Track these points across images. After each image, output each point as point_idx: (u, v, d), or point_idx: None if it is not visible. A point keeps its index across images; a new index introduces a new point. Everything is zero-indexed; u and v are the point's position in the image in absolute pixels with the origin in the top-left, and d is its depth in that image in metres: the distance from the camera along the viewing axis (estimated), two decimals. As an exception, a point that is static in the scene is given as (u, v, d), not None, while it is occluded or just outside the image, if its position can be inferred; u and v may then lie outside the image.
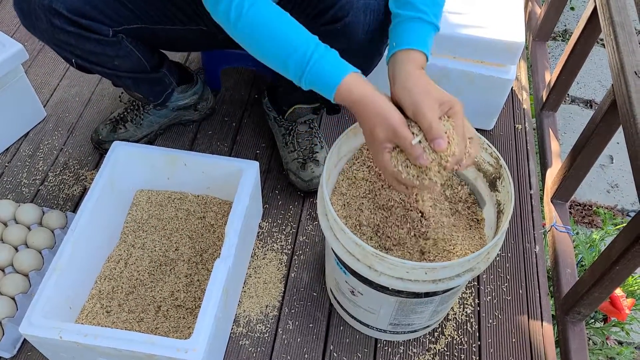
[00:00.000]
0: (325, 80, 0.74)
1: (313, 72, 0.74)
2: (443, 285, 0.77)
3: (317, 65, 0.74)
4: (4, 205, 1.08)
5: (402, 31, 0.78)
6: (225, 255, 0.87)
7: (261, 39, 0.77)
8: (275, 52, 0.77)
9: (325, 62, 0.74)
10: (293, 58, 0.75)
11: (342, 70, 0.74)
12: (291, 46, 0.75)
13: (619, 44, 0.90)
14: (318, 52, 0.74)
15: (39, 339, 0.79)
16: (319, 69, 0.74)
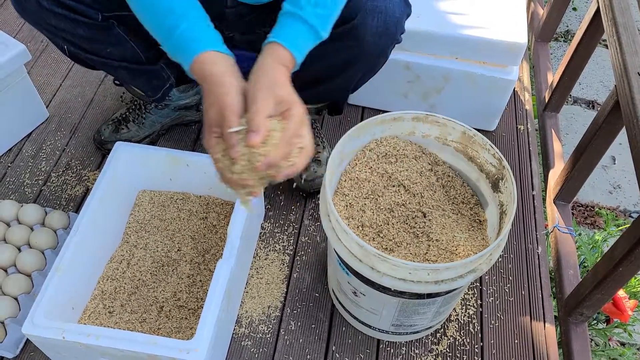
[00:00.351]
0: (183, 52, 0.72)
1: (176, 41, 0.72)
2: (445, 286, 0.77)
3: (187, 31, 0.72)
4: (6, 206, 1.08)
5: (277, 24, 0.74)
6: (228, 255, 0.87)
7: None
8: (151, 10, 0.74)
9: (197, 31, 0.72)
10: (165, 22, 0.72)
11: (203, 45, 0.71)
12: (167, 9, 0.72)
13: (622, 44, 0.90)
14: (188, 22, 0.71)
15: (42, 339, 0.79)
16: (186, 33, 0.72)
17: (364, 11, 0.88)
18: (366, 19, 0.88)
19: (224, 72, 0.70)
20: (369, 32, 0.89)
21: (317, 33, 0.75)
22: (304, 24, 0.74)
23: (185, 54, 0.72)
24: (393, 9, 0.89)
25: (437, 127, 0.92)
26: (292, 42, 0.73)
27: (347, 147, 0.90)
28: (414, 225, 0.88)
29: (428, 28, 1.19)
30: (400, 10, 0.91)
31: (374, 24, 0.89)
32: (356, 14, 0.88)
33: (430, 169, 0.94)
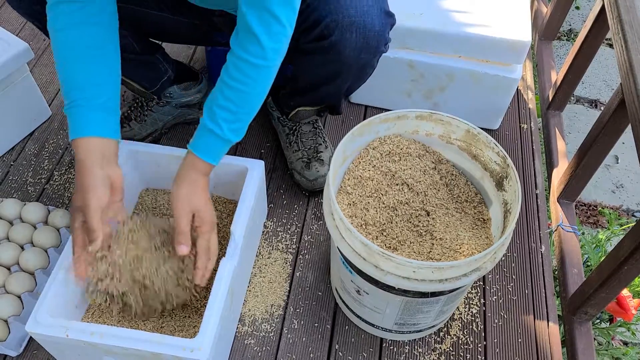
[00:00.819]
0: (70, 128, 0.80)
1: (70, 112, 0.80)
2: (449, 285, 0.76)
3: (75, 111, 0.80)
4: (9, 204, 1.08)
5: (197, 136, 0.83)
6: (231, 254, 0.86)
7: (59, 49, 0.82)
8: (63, 68, 0.81)
9: (83, 112, 0.80)
10: (69, 87, 0.81)
11: (86, 130, 0.79)
12: (74, 77, 0.81)
13: (627, 42, 0.90)
14: (87, 102, 0.80)
15: (45, 338, 0.79)
16: (73, 114, 0.80)
17: (341, 27, 0.87)
18: (344, 34, 0.87)
19: (93, 162, 0.79)
20: (349, 47, 0.89)
21: (231, 142, 0.83)
22: (220, 140, 0.81)
23: (70, 131, 0.81)
24: (372, 23, 0.88)
25: (441, 126, 0.92)
26: (210, 154, 0.82)
27: (350, 146, 0.90)
28: (417, 223, 0.88)
29: (431, 26, 1.18)
30: (380, 23, 0.89)
31: (352, 39, 0.88)
32: (333, 30, 0.87)
33: (434, 168, 0.94)
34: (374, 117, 0.89)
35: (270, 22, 0.74)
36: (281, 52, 0.78)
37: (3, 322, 0.93)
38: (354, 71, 0.96)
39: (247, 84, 0.78)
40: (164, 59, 1.15)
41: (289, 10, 0.75)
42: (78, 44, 0.80)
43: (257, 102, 0.82)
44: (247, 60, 0.76)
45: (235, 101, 0.79)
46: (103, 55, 0.83)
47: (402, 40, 1.20)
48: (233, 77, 0.78)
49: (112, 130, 0.83)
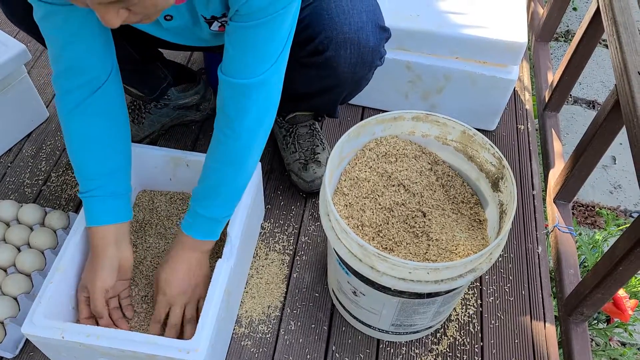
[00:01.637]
0: (86, 215, 0.87)
1: (85, 201, 0.87)
2: (445, 286, 0.77)
3: (90, 200, 0.86)
4: (6, 206, 1.08)
5: (189, 222, 0.88)
6: (227, 255, 0.87)
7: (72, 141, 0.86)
8: (75, 158, 0.87)
9: (93, 204, 0.86)
10: (82, 177, 0.87)
11: (100, 219, 0.86)
12: (87, 168, 0.86)
13: (622, 44, 0.90)
14: (100, 190, 0.86)
15: (41, 339, 0.79)
16: (88, 203, 0.86)
17: (335, 44, 0.87)
18: (338, 51, 0.87)
19: (105, 250, 0.86)
20: (343, 63, 0.89)
21: (227, 218, 0.89)
22: (215, 222, 0.88)
23: (86, 218, 0.87)
24: (367, 39, 0.87)
25: (437, 127, 0.92)
26: (199, 232, 0.88)
27: (347, 147, 0.90)
28: (413, 224, 0.88)
29: (428, 28, 1.19)
30: (375, 39, 0.89)
31: (347, 55, 0.88)
32: (327, 46, 0.87)
33: (430, 169, 0.94)
34: (371, 119, 0.90)
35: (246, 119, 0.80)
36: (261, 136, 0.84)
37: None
38: (348, 85, 0.96)
39: (232, 165, 0.85)
40: (164, 66, 1.15)
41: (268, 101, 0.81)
42: (88, 136, 0.85)
43: (245, 180, 0.89)
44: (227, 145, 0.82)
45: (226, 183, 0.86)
46: (113, 145, 0.88)
47: (399, 42, 1.20)
48: (219, 161, 0.85)
49: (124, 214, 0.89)
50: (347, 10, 0.86)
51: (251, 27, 0.72)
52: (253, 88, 0.77)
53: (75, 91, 0.83)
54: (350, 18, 0.86)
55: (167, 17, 0.80)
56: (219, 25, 0.82)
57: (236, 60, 0.76)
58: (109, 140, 0.87)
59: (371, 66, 0.93)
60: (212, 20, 0.80)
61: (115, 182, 0.88)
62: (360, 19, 0.87)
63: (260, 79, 0.76)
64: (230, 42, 0.75)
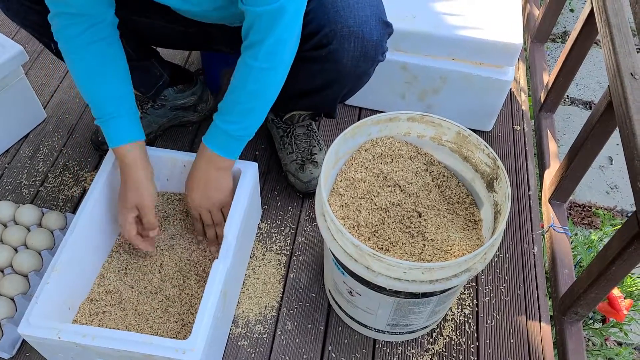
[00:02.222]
0: (109, 138, 0.91)
1: (105, 125, 0.90)
2: (440, 286, 0.77)
3: (108, 124, 0.90)
4: (3, 206, 1.08)
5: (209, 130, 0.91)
6: (224, 255, 0.87)
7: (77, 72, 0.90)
8: (87, 86, 0.90)
9: (115, 124, 0.90)
10: (98, 102, 0.90)
11: (125, 137, 0.90)
12: (101, 101, 0.90)
13: (615, 45, 0.90)
14: (115, 113, 0.90)
15: (38, 340, 0.79)
16: (107, 127, 0.90)
17: (340, 37, 0.88)
18: (342, 44, 0.89)
19: (139, 165, 0.91)
20: (346, 56, 0.90)
21: (245, 139, 0.91)
22: (233, 139, 0.90)
23: (108, 141, 0.91)
24: (370, 33, 0.89)
25: (432, 128, 0.92)
26: (218, 146, 0.90)
27: (343, 148, 0.90)
28: (409, 225, 0.88)
29: (425, 29, 1.19)
30: (378, 34, 0.90)
31: (350, 48, 0.89)
32: (332, 39, 0.88)
33: (425, 169, 0.95)
34: (366, 119, 0.90)
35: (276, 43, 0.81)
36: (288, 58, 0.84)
37: (-4, 324, 0.94)
38: (350, 79, 0.97)
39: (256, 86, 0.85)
40: (160, 64, 1.15)
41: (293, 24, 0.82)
42: (93, 64, 0.89)
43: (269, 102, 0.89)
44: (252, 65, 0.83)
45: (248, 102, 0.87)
46: (116, 69, 0.91)
47: (395, 43, 1.21)
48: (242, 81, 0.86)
49: (140, 131, 0.94)
50: (352, 4, 0.88)
51: None
52: (272, 14, 0.78)
53: (75, 23, 0.85)
54: (355, 12, 0.87)
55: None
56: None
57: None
58: (112, 66, 0.90)
59: (373, 60, 0.94)
60: None
61: (126, 103, 0.92)
62: (364, 13, 0.88)
63: (279, 4, 0.77)
64: None
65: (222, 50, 1.10)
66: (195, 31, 1.03)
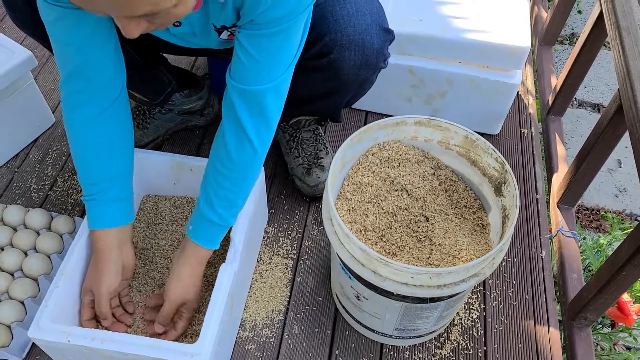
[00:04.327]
0: (89, 219, 0.89)
1: (88, 205, 0.88)
2: (448, 291, 0.77)
3: (92, 204, 0.88)
4: (13, 210, 1.09)
5: (196, 225, 0.88)
6: (231, 259, 0.87)
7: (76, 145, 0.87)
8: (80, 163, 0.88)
9: (96, 208, 0.88)
10: (86, 182, 0.88)
11: (102, 223, 0.88)
12: (91, 174, 0.88)
13: (624, 48, 0.90)
14: (102, 195, 0.87)
15: (47, 343, 0.80)
16: (91, 207, 0.88)
17: (340, 46, 0.88)
18: (343, 53, 0.88)
19: (109, 252, 0.88)
20: (347, 65, 0.90)
21: (230, 225, 0.89)
22: (221, 227, 0.88)
23: (88, 221, 0.89)
24: (371, 41, 0.88)
25: (439, 132, 0.92)
26: (213, 242, 0.88)
27: (350, 152, 0.90)
28: (416, 229, 0.88)
29: (431, 32, 1.19)
30: (379, 41, 0.90)
31: (351, 57, 0.89)
32: (332, 48, 0.88)
33: (432, 173, 0.94)
34: (373, 124, 0.90)
35: (260, 125, 0.80)
36: (269, 142, 0.84)
37: (6, 327, 0.94)
38: (352, 87, 0.97)
39: (242, 172, 0.84)
40: (167, 70, 1.16)
41: (278, 107, 0.81)
42: (96, 145, 0.86)
43: (249, 186, 0.88)
44: (239, 153, 0.82)
45: (231, 188, 0.85)
46: (116, 150, 0.89)
47: (402, 47, 1.21)
48: (227, 167, 0.83)
49: (126, 216, 0.91)
50: (352, 12, 0.87)
51: (266, 35, 0.73)
52: (267, 94, 0.78)
53: (90, 104, 0.84)
54: (355, 20, 0.87)
55: (176, 23, 0.81)
56: (228, 34, 0.82)
57: (249, 68, 0.76)
58: (116, 148, 0.88)
59: (375, 68, 0.94)
60: (222, 29, 0.81)
61: (118, 187, 0.89)
62: (364, 21, 0.88)
63: (274, 84, 0.77)
64: (243, 49, 0.75)
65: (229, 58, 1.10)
66: None
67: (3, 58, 1.14)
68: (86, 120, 0.85)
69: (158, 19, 0.60)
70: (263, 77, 0.76)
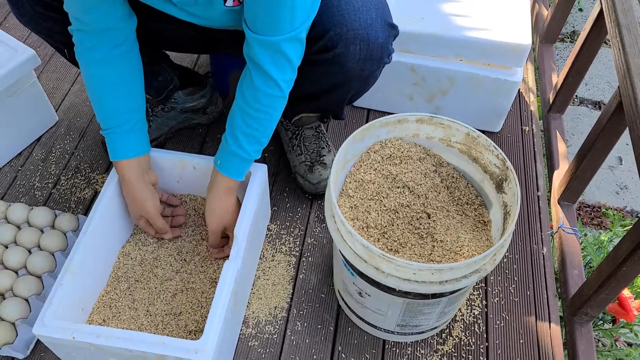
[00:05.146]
0: (111, 151, 0.95)
1: (109, 138, 0.94)
2: (450, 287, 0.77)
3: (111, 137, 0.94)
4: (17, 209, 1.10)
5: (223, 158, 0.94)
6: (234, 256, 0.88)
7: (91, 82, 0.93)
8: (97, 99, 0.94)
9: (118, 138, 0.94)
10: (104, 116, 0.94)
11: (124, 153, 0.94)
12: (109, 108, 0.94)
13: (624, 45, 0.90)
14: (120, 128, 0.94)
15: (52, 340, 0.80)
16: (112, 140, 0.94)
17: (345, 40, 0.88)
18: (348, 47, 0.89)
19: (137, 178, 0.96)
20: (352, 59, 0.91)
21: (254, 159, 0.95)
22: (246, 161, 0.94)
23: (110, 153, 0.95)
24: (376, 36, 0.89)
25: (441, 129, 0.93)
26: (238, 174, 0.95)
27: (352, 149, 0.91)
28: (418, 226, 0.89)
29: (433, 31, 1.19)
30: (384, 36, 0.90)
31: (356, 52, 0.90)
32: (337, 43, 0.89)
33: (434, 171, 0.95)
34: (375, 121, 0.91)
35: (282, 63, 0.83)
36: (292, 81, 0.88)
37: (11, 324, 0.95)
38: (357, 82, 0.98)
39: (267, 112, 0.89)
40: (170, 67, 1.16)
41: (298, 46, 0.83)
42: (111, 78, 0.92)
43: (274, 125, 0.92)
44: (264, 92, 0.86)
45: (257, 127, 0.90)
46: (129, 84, 0.94)
47: (403, 44, 1.21)
48: (253, 107, 0.88)
49: (144, 146, 0.98)
50: (357, 7, 0.88)
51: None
52: (289, 43, 0.81)
53: (99, 44, 0.89)
54: (360, 15, 0.88)
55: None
56: (234, 1, 0.83)
57: (269, 18, 0.78)
58: (129, 84, 0.94)
59: (380, 63, 0.94)
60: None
61: (134, 118, 0.95)
62: (369, 16, 0.88)
63: (295, 33, 0.80)
64: (259, 2, 0.77)
65: (232, 54, 1.11)
66: (205, 36, 1.04)
67: (6, 57, 1.14)
68: (97, 60, 0.90)
69: None
70: (284, 27, 0.79)
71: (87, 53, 0.90)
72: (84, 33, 0.88)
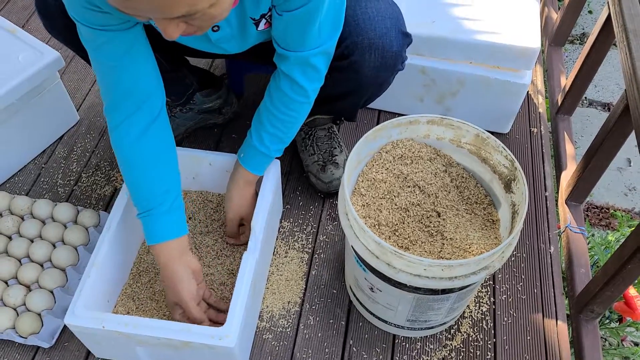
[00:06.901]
0: (147, 234, 0.90)
1: (144, 221, 0.90)
2: (459, 282, 0.80)
3: (149, 219, 0.90)
4: (42, 204, 1.14)
5: (247, 154, 0.98)
6: (253, 248, 0.91)
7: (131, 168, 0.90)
8: (134, 182, 0.91)
9: (155, 221, 0.89)
10: (140, 199, 0.90)
11: (161, 236, 0.89)
12: (145, 191, 0.90)
13: (631, 50, 0.92)
14: (157, 209, 0.89)
15: (83, 329, 0.84)
16: (148, 223, 0.90)
17: (361, 49, 0.92)
18: (363, 55, 0.92)
19: (176, 262, 0.90)
20: (367, 67, 0.94)
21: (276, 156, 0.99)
22: (268, 158, 0.99)
23: (146, 237, 0.91)
24: (391, 44, 0.92)
25: (451, 130, 0.95)
26: (259, 169, 1.00)
27: (364, 150, 0.93)
28: (428, 224, 0.91)
29: (443, 34, 1.22)
30: (398, 44, 0.93)
31: (371, 59, 0.93)
32: (353, 51, 0.92)
33: (444, 170, 0.97)
34: (387, 122, 0.93)
35: (310, 74, 0.88)
36: (319, 88, 0.92)
37: (37, 315, 0.99)
38: (371, 88, 1.01)
39: (292, 116, 0.94)
40: (190, 72, 1.20)
41: (326, 57, 0.88)
42: (147, 162, 0.89)
43: (298, 127, 0.97)
44: (292, 98, 0.91)
45: (282, 129, 0.95)
46: (165, 163, 0.91)
47: (414, 47, 1.23)
48: (279, 110, 0.92)
49: (181, 227, 0.92)
50: (373, 16, 0.91)
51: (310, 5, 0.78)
52: (318, 56, 0.85)
53: (134, 117, 0.86)
54: (376, 24, 0.91)
55: (215, 28, 0.84)
56: (265, 23, 0.86)
57: (298, 37, 0.83)
58: (164, 161, 0.91)
59: (393, 70, 0.98)
60: (260, 19, 0.84)
61: (170, 198, 0.91)
62: (384, 25, 0.91)
63: (324, 48, 0.84)
64: (288, 23, 0.81)
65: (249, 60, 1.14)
66: None
67: (32, 59, 1.18)
68: (134, 138, 0.87)
69: (196, 20, 0.63)
70: (314, 42, 0.83)
71: (124, 128, 0.87)
72: (120, 106, 0.86)
